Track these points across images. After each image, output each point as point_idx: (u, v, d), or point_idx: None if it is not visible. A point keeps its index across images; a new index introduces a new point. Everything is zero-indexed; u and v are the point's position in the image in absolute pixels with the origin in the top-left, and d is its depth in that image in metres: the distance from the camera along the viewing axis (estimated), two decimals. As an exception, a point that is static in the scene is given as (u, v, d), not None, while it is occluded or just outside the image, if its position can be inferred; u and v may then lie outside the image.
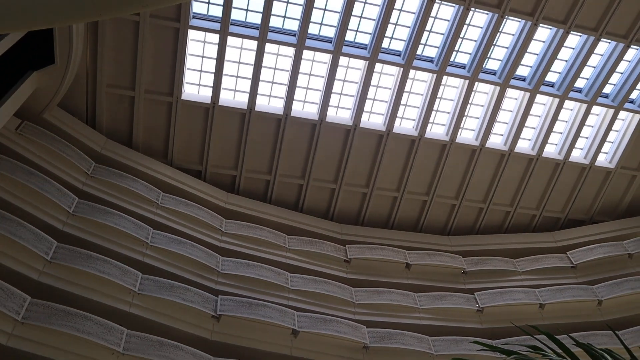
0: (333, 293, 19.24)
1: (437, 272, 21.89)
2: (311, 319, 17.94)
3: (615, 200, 24.99)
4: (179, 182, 20.13)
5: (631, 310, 21.08)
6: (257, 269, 18.66)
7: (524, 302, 20.98)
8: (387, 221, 23.45)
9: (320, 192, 22.47)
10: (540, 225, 24.85)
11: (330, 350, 17.85)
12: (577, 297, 21.32)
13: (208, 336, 16.48)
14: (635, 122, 23.11)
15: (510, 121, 22.63)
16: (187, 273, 17.49)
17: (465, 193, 23.28)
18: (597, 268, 22.85)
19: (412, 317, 19.97)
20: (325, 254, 20.71)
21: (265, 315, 17.16)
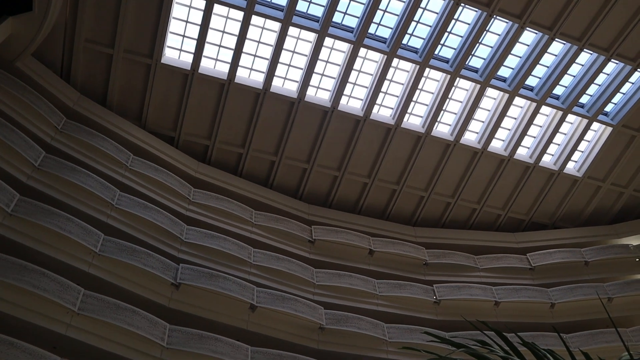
0: (294, 272, 19.36)
1: (399, 261, 22.19)
2: (270, 295, 18.04)
3: (579, 209, 25.57)
4: (151, 146, 19.86)
5: (581, 315, 21.77)
6: (221, 241, 18.63)
7: (480, 298, 21.47)
8: (355, 206, 23.60)
9: (292, 170, 22.46)
10: (504, 225, 25.31)
11: (286, 328, 18.01)
12: (532, 299, 21.90)
13: (166, 303, 16.45)
14: (606, 135, 23.58)
15: (486, 120, 22.87)
16: (150, 238, 17.36)
17: (435, 186, 23.53)
18: (554, 272, 23.48)
19: (370, 302, 20.25)
20: (290, 233, 20.78)
21: (225, 288, 17.19)
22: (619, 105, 23.17)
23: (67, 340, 13.84)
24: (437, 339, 3.37)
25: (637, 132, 23.43)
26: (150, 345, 14.90)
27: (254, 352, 16.49)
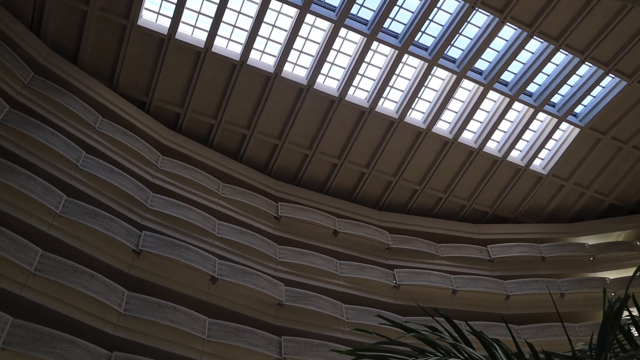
0: (257, 247, 19.37)
1: (362, 244, 22.41)
2: (232, 268, 18.04)
3: (541, 205, 26.17)
4: (121, 110, 19.44)
5: (534, 308, 22.42)
6: (186, 211, 18.48)
7: (438, 285, 21.89)
8: (324, 186, 23.66)
9: (263, 145, 22.33)
10: (467, 215, 25.75)
11: (246, 302, 18.07)
12: (488, 289, 22.46)
13: (126, 269, 16.29)
14: (573, 135, 24.07)
15: (460, 111, 23.08)
16: (114, 203, 17.09)
17: (403, 172, 23.73)
18: (512, 265, 24.09)
19: (330, 282, 20.45)
20: (256, 207, 20.74)
21: (186, 258, 17.10)
22: (588, 107, 23.64)
23: (21, 301, 13.60)
24: (390, 322, 3.43)
25: (603, 135, 23.99)
26: (107, 311, 14.77)
27: (212, 323, 16.52)
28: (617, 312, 2.57)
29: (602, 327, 2.45)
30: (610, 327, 2.38)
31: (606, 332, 2.40)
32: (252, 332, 16.98)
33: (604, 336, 2.39)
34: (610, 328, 2.38)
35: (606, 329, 2.43)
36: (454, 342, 3.02)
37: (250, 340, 16.76)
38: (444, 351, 3.03)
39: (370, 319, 19.36)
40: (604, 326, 2.46)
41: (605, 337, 2.36)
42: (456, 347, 3.03)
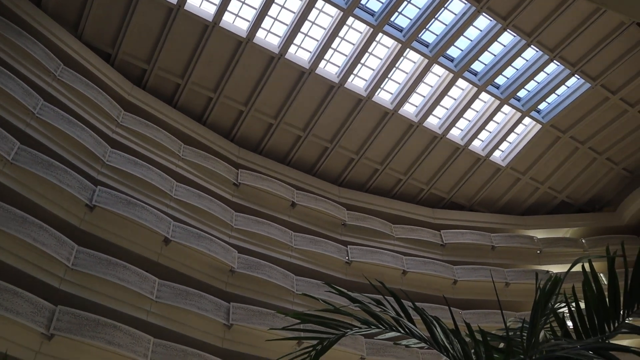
0: (214, 212, 19.25)
1: (318, 218, 22.55)
2: (186, 231, 17.89)
3: (496, 196, 26.81)
4: (84, 60, 18.78)
5: (480, 295, 23.12)
6: (145, 170, 18.15)
7: (390, 265, 22.29)
8: (286, 157, 23.60)
9: (228, 110, 22.04)
10: (424, 199, 26.17)
11: (197, 266, 18.01)
12: (437, 273, 23.01)
13: (77, 224, 15.94)
14: (534, 131, 24.61)
15: (427, 96, 23.25)
16: (70, 155, 16.58)
17: (366, 151, 23.86)
18: (462, 251, 24.72)
19: (284, 253, 20.55)
20: (216, 172, 20.55)
21: (140, 217, 16.85)
22: (551, 105, 24.17)
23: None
24: (336, 291, 3.47)
25: (562, 133, 24.61)
26: (55, 264, 14.46)
27: (161, 285, 16.41)
28: (548, 293, 2.67)
29: (533, 308, 2.55)
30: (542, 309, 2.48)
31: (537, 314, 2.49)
32: (202, 297, 16.96)
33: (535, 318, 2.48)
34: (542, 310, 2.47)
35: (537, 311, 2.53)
36: (396, 317, 3.10)
37: (199, 305, 16.75)
38: (386, 325, 3.10)
39: (321, 293, 19.56)
40: (535, 308, 2.56)
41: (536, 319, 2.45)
42: (398, 321, 3.11)
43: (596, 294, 2.71)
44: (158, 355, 14.99)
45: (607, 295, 2.69)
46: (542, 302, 2.51)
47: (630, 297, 2.62)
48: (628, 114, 24.16)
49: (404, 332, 3.08)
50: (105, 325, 14.24)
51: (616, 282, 2.68)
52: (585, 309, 2.85)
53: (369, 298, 3.44)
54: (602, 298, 2.71)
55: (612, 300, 2.69)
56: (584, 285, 2.77)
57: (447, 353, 2.89)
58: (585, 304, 2.88)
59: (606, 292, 2.74)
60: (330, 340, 3.17)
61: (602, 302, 2.71)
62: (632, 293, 2.61)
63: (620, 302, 2.65)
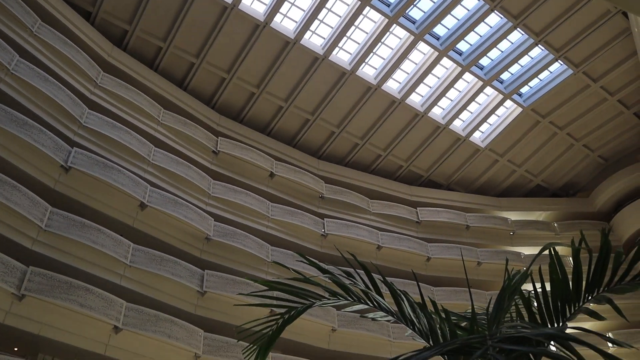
0: (192, 179, 19.13)
1: (296, 189, 22.58)
2: (162, 197, 17.78)
3: (473, 176, 27.09)
4: (63, 16, 18.22)
5: (452, 272, 23.55)
6: (122, 133, 17.89)
7: (365, 239, 22.50)
8: (266, 127, 23.47)
9: (210, 77, 21.75)
10: (403, 176, 26.34)
11: (173, 232, 17.96)
12: (411, 249, 23.31)
13: (52, 185, 15.71)
14: (515, 114, 24.80)
15: (412, 73, 23.19)
16: (46, 115, 16.21)
17: (347, 125, 23.83)
18: (437, 229, 25.05)
19: (260, 223, 20.59)
20: (195, 139, 20.36)
21: (117, 180, 16.67)
22: (533, 89, 24.34)
23: None
24: (307, 261, 3.49)
25: (542, 118, 24.85)
26: (28, 225, 14.28)
27: (136, 249, 16.35)
28: (515, 284, 2.75)
29: (500, 293, 2.61)
30: (509, 296, 2.54)
31: (503, 299, 2.55)
32: (176, 263, 16.97)
33: (501, 301, 2.54)
34: (509, 297, 2.54)
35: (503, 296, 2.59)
36: (365, 290, 3.14)
37: (173, 271, 16.77)
38: (355, 297, 3.14)
39: (296, 265, 19.71)
40: (502, 293, 2.62)
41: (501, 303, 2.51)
42: (367, 294, 3.15)
43: (561, 278, 2.79)
44: (131, 319, 15.03)
45: (571, 280, 2.78)
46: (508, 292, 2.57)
47: (591, 283, 2.71)
48: (607, 102, 24.46)
49: (372, 304, 3.13)
50: (77, 287, 14.18)
51: (580, 269, 2.76)
52: (550, 292, 2.93)
53: (339, 270, 3.47)
54: (566, 282, 2.79)
55: (575, 285, 2.77)
56: (550, 268, 2.84)
57: (413, 327, 2.95)
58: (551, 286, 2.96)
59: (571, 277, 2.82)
60: (297, 310, 3.21)
61: (566, 285, 2.79)
62: (593, 279, 2.69)
63: (582, 287, 2.74)
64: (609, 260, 2.74)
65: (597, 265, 2.68)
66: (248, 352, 3.39)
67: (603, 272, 2.66)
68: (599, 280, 2.69)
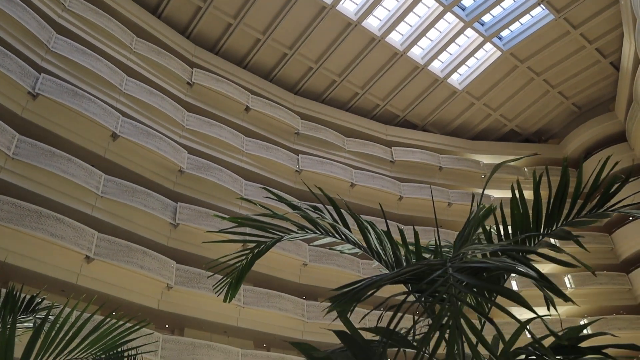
0: (165, 110, 18.78)
1: (272, 124, 22.42)
2: (135, 127, 17.47)
3: (449, 118, 27.18)
4: None
5: (423, 212, 23.99)
6: (93, 60, 17.29)
7: (339, 176, 22.66)
8: (243, 60, 22.97)
9: (185, 5, 20.94)
10: (379, 115, 26.30)
11: (147, 164, 17.78)
12: (384, 188, 23.60)
13: (18, 112, 15.24)
14: (494, 57, 24.67)
15: (393, 10, 22.70)
16: (11, 38, 15.48)
17: (325, 61, 23.45)
18: (411, 169, 25.34)
19: (234, 157, 20.50)
20: (169, 69, 19.86)
21: (88, 110, 16.26)
22: (514, 33, 24.13)
23: None
24: (275, 196, 3.50)
25: (520, 63, 24.78)
26: (-5, 152, 13.96)
27: (108, 180, 16.19)
28: (482, 218, 2.80)
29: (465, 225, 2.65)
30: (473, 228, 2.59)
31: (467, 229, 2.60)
32: (148, 195, 16.90)
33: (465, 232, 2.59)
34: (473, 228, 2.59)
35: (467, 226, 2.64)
36: (333, 223, 3.17)
37: (146, 202, 16.71)
38: (323, 230, 3.18)
39: (269, 200, 19.79)
40: (466, 224, 2.67)
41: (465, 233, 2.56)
42: (335, 228, 3.18)
43: (522, 212, 2.86)
44: (102, 249, 15.06)
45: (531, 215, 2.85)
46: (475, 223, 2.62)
47: (550, 215, 2.78)
48: (585, 50, 24.44)
49: (339, 237, 3.17)
50: (47, 217, 14.07)
51: (540, 202, 2.83)
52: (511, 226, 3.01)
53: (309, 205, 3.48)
54: (527, 216, 2.86)
55: (535, 219, 2.84)
56: (511, 203, 2.90)
57: (379, 258, 3.01)
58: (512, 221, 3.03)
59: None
60: (266, 244, 3.24)
61: (526, 220, 2.86)
62: (553, 210, 2.76)
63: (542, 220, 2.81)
64: (567, 192, 2.79)
65: (556, 195, 2.73)
66: (219, 286, 3.44)
67: (562, 203, 2.72)
68: (559, 212, 2.75)
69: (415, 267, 2.12)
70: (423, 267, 2.08)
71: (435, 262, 2.12)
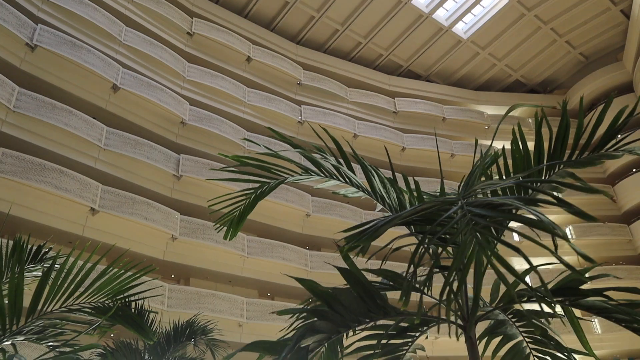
0: (166, 61, 18.53)
1: (274, 75, 22.15)
2: (136, 79, 17.27)
3: (453, 69, 26.78)
4: None
5: (426, 163, 23.96)
6: (91, 10, 16.92)
7: (342, 127, 22.52)
8: (244, 9, 22.48)
9: (184, -48, 20.40)
10: (382, 65, 25.92)
11: (148, 116, 17.68)
12: (387, 139, 23.49)
13: (17, 64, 15.03)
14: (500, 5, 24.05)
15: (397, -45, 22.07)
16: (5, -14, 15.19)
17: (328, 9, 22.94)
18: (414, 120, 25.15)
19: (236, 108, 20.35)
20: (169, 19, 19.47)
21: (87, 61, 16.04)
22: (521, -22, 23.48)
23: None
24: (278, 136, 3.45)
25: (527, 11, 24.18)
26: (-6, 104, 13.85)
27: (110, 132, 16.14)
28: (487, 162, 2.78)
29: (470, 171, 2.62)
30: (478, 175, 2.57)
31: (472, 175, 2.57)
32: (151, 147, 16.87)
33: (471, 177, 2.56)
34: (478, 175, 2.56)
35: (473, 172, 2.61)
36: (336, 165, 3.14)
37: (149, 154, 16.70)
38: (327, 172, 3.15)
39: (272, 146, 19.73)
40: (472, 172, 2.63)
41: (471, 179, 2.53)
42: (338, 169, 3.16)
43: (522, 155, 2.83)
44: (107, 201, 15.14)
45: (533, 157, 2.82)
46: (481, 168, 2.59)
47: (552, 156, 2.75)
48: (595, -3, 23.84)
49: (343, 180, 3.15)
50: (51, 170, 14.09)
51: (541, 143, 2.79)
52: (512, 168, 2.98)
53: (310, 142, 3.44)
54: (528, 158, 2.83)
55: (536, 161, 2.82)
56: (513, 146, 2.87)
57: (383, 202, 3.00)
58: (513, 164, 3.00)
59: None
60: (270, 185, 3.22)
61: (528, 163, 2.83)
62: (554, 152, 2.73)
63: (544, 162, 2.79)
64: (569, 133, 2.75)
65: (557, 136, 2.69)
66: (219, 225, 3.44)
67: (564, 145, 2.69)
68: (560, 154, 2.72)
69: (430, 204, 2.10)
70: (438, 204, 2.06)
71: (450, 198, 2.09)
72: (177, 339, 8.39)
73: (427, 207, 2.14)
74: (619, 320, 2.59)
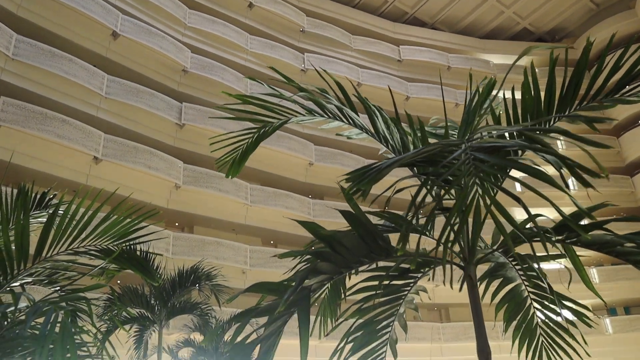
0: (166, 7, 18.13)
1: (276, 22, 21.71)
2: (136, 26, 16.96)
3: (460, 16, 26.16)
4: None
5: (430, 113, 23.56)
6: (88, -47, 16.44)
7: (345, 75, 21.97)
8: (245, -47, 21.83)
9: None
10: (387, 12, 25.35)
11: (150, 64, 17.45)
12: (391, 87, 23.22)
13: (14, 10, 14.71)
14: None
15: None
16: None
17: (332, -47, 22.32)
18: (419, 69, 24.77)
19: (239, 56, 20.05)
20: (168, -36, 18.93)
21: (86, 7, 15.68)
22: None
23: None
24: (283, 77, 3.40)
25: (538, -48, 23.46)
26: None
27: (111, 80, 15.98)
28: (484, 92, 2.73)
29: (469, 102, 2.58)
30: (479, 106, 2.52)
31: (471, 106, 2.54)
32: (153, 95, 16.73)
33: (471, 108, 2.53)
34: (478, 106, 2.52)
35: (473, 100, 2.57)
36: (339, 105, 3.10)
37: (150, 103, 16.58)
38: (330, 113, 3.12)
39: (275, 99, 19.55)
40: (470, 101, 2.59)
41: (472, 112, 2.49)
42: (342, 110, 3.12)
43: (533, 96, 2.77)
44: (110, 150, 15.13)
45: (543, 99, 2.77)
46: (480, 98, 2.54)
47: (564, 98, 2.69)
48: (609, -63, 23.02)
49: (346, 121, 3.12)
50: (53, 118, 14.02)
51: (553, 86, 2.72)
52: (521, 111, 2.93)
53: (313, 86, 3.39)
54: (538, 99, 2.78)
55: (547, 103, 2.77)
56: (523, 87, 2.81)
57: (386, 143, 2.97)
58: (522, 106, 2.96)
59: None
60: (273, 125, 3.19)
61: (538, 104, 2.78)
62: (566, 96, 2.67)
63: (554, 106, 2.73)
64: (584, 76, 2.68)
65: (572, 77, 2.63)
66: (221, 163, 3.41)
67: (577, 87, 2.63)
68: (573, 96, 2.66)
69: (433, 146, 2.07)
70: (441, 146, 2.04)
71: (453, 141, 2.07)
72: (182, 285, 8.56)
73: (431, 149, 2.12)
74: (620, 255, 2.60)
